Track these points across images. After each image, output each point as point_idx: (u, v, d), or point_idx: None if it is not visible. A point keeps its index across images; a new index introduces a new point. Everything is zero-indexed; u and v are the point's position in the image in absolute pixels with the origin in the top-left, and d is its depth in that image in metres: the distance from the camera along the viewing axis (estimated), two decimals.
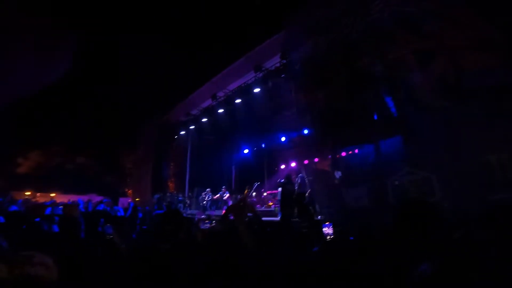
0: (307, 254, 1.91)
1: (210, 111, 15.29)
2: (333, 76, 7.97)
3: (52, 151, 25.06)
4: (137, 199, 18.16)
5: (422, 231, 1.76)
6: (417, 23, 6.05)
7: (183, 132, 17.63)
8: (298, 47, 9.18)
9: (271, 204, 13.32)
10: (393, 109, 6.42)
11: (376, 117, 6.92)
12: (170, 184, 18.76)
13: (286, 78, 10.70)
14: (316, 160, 11.48)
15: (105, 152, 24.43)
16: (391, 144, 6.51)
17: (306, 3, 8.98)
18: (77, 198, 18.92)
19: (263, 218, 10.43)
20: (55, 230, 2.50)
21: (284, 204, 9.40)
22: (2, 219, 3.13)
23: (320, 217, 8.53)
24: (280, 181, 10.46)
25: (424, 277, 1.07)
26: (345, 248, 1.81)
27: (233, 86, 13.91)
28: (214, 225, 3.88)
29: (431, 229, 1.78)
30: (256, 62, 12.05)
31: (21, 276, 1.21)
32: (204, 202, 14.48)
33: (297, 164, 16.15)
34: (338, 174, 9.56)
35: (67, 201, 13.54)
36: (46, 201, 15.41)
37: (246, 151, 17.93)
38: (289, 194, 9.27)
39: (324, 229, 2.74)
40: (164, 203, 14.73)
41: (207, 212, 13.46)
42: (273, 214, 11.50)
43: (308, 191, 9.29)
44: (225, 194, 13.82)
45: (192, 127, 16.78)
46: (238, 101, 13.42)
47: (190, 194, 16.77)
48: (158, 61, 19.90)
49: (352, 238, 2.65)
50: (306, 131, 9.93)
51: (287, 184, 9.39)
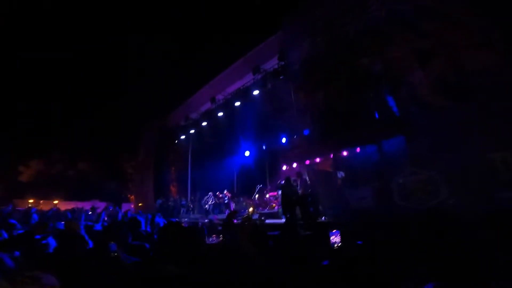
0: (315, 269, 1.88)
1: (209, 115, 15.24)
2: (332, 76, 7.95)
3: (53, 158, 25.10)
4: (140, 204, 18.16)
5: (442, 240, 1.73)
6: (415, 21, 6.03)
7: (183, 137, 17.58)
8: (297, 47, 9.16)
9: (274, 205, 13.26)
10: (395, 108, 6.38)
11: (377, 116, 6.89)
12: (172, 189, 18.73)
13: (285, 79, 10.67)
14: (318, 160, 11.46)
15: (106, 158, 24.50)
16: (394, 144, 6.47)
17: (303, 4, 8.96)
18: (80, 204, 18.95)
19: (267, 221, 10.41)
20: (56, 246, 2.47)
21: (286, 207, 9.35)
22: (5, 235, 3.10)
23: (324, 218, 8.49)
24: (280, 182, 10.40)
25: None
26: (355, 260, 1.78)
27: (232, 88, 13.86)
28: (221, 240, 3.85)
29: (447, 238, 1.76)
30: (254, 64, 12.01)
31: None
32: (207, 206, 14.42)
33: (298, 165, 16.11)
34: (340, 174, 9.52)
35: (71, 208, 13.49)
36: (49, 208, 15.43)
37: (247, 153, 17.88)
38: (289, 196, 9.21)
39: (331, 237, 2.69)
40: (165, 208, 14.68)
41: (210, 216, 13.41)
42: (277, 216, 11.47)
43: (309, 191, 9.25)
44: (226, 197, 13.76)
45: (192, 131, 16.73)
46: (237, 103, 13.37)
47: (192, 198, 16.72)
48: (155, 66, 19.94)
49: (361, 242, 2.61)
50: (306, 132, 9.89)
51: (287, 186, 9.32)
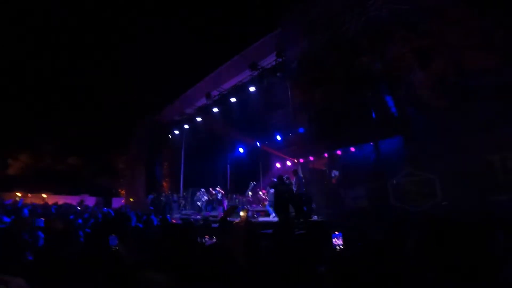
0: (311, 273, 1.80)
1: (204, 110, 15.07)
2: (330, 75, 7.88)
3: (43, 152, 24.63)
4: (130, 199, 17.92)
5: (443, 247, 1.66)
6: (415, 21, 5.98)
7: (177, 132, 17.39)
8: (295, 45, 9.08)
9: (265, 203, 13.25)
10: (393, 108, 6.35)
11: (374, 116, 6.85)
12: (165, 184, 18.54)
13: (282, 77, 10.59)
14: (312, 158, 11.44)
15: (97, 152, 24.13)
16: (391, 144, 6.44)
17: (303, 1, 8.87)
18: (69, 199, 18.63)
19: (260, 219, 10.36)
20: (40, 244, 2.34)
21: (278, 205, 9.29)
22: None
23: (317, 217, 8.46)
24: (272, 180, 10.34)
25: None
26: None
27: (228, 84, 13.71)
28: (215, 241, 3.74)
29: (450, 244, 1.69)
30: (252, 61, 11.88)
31: None
32: (199, 203, 14.30)
33: (292, 163, 16.11)
34: (334, 173, 9.51)
35: (61, 203, 13.23)
36: (37, 202, 15.13)
37: (241, 150, 17.79)
38: (282, 195, 9.14)
39: (333, 239, 2.62)
40: (157, 204, 14.48)
41: (203, 213, 13.30)
42: (267, 213, 11.48)
43: (304, 190, 9.21)
44: (219, 194, 13.64)
45: (186, 126, 16.56)
46: (233, 100, 13.25)
47: (185, 194, 16.57)
48: (150, 60, 19.66)
49: (360, 244, 2.55)
50: (301, 130, 9.83)
51: (279, 185, 9.25)
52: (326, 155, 10.37)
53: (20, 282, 1.20)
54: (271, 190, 11.26)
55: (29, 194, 22.41)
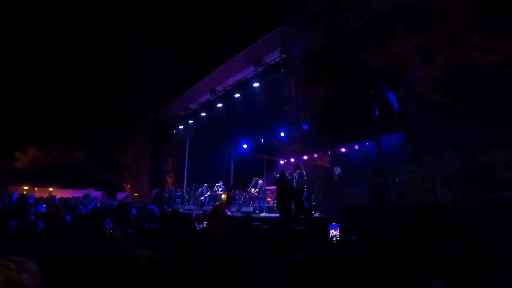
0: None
1: (208, 106, 15.13)
2: (333, 71, 7.86)
3: (50, 146, 24.95)
4: (135, 194, 18.12)
5: (426, 236, 1.68)
6: (419, 17, 5.94)
7: (181, 127, 17.49)
8: (298, 41, 9.05)
9: (269, 200, 13.27)
10: (396, 105, 6.33)
11: (377, 113, 6.83)
12: (168, 179, 18.69)
13: (286, 73, 10.58)
14: (315, 156, 11.42)
15: (103, 147, 24.36)
16: (393, 141, 6.43)
17: None
18: (75, 193, 18.89)
19: (262, 215, 10.40)
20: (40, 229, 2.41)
21: (280, 202, 9.35)
22: None
23: (318, 214, 8.49)
24: (275, 176, 10.39)
25: None
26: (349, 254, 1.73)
27: (232, 80, 13.75)
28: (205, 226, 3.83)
29: (436, 234, 1.71)
30: (256, 57, 11.90)
31: (6, 282, 1.15)
32: (202, 198, 14.40)
33: (296, 160, 16.11)
34: (337, 170, 9.50)
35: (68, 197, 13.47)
36: (44, 196, 15.37)
37: (245, 146, 17.84)
38: (283, 191, 9.19)
39: (331, 230, 2.65)
40: (161, 199, 14.61)
41: (204, 208, 13.39)
42: (272, 210, 11.50)
43: (306, 186, 9.24)
44: (219, 189, 13.71)
45: (191, 121, 16.65)
46: (237, 95, 13.28)
47: (188, 189, 16.68)
48: (156, 56, 19.75)
49: (355, 237, 2.58)
50: (305, 127, 9.82)
51: (281, 181, 9.30)
52: (329, 152, 10.35)
53: (29, 263, 1.23)
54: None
55: (36, 188, 22.79)
